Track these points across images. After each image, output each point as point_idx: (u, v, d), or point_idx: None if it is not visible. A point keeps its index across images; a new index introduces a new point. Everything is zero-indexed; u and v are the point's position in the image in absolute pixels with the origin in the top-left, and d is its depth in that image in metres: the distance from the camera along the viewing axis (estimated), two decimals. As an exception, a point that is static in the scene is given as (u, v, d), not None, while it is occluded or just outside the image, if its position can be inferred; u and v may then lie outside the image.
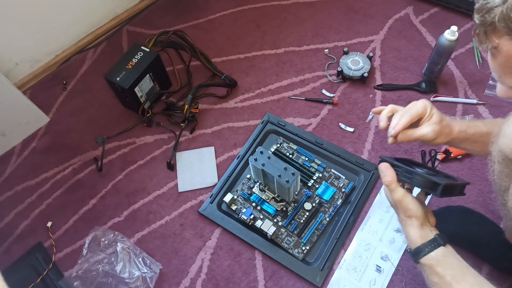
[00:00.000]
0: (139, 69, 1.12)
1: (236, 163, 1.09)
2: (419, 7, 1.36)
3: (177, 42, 1.31)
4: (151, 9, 1.47)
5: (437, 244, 0.64)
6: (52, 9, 1.24)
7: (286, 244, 0.97)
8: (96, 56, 1.37)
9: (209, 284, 0.96)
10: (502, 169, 0.65)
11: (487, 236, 0.89)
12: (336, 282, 0.93)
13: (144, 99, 1.18)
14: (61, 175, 1.14)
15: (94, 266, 0.96)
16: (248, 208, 1.02)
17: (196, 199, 1.07)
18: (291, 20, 1.38)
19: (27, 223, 1.08)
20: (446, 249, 0.64)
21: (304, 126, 1.16)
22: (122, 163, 1.15)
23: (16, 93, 1.13)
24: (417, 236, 0.66)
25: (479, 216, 0.94)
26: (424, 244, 0.65)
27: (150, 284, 0.94)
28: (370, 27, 1.33)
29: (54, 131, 1.23)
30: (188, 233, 1.03)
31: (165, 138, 1.18)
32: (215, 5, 1.45)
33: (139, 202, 1.09)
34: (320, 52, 1.30)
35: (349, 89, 1.22)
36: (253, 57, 1.32)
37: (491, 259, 0.90)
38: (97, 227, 1.03)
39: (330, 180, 1.05)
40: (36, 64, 1.31)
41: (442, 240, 0.64)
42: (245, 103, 1.22)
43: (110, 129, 1.20)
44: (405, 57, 1.26)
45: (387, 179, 0.68)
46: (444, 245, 0.64)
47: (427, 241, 0.65)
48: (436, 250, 0.63)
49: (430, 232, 0.66)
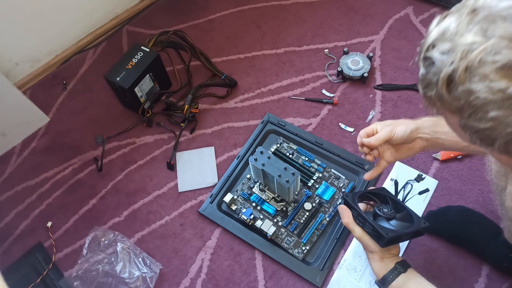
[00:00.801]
0: (139, 69, 1.12)
1: (236, 163, 1.09)
2: (419, 7, 1.36)
3: (177, 42, 1.31)
4: (151, 9, 1.47)
5: (397, 272, 0.71)
6: (52, 9, 1.24)
7: (286, 244, 0.97)
8: (96, 56, 1.37)
9: (209, 284, 0.96)
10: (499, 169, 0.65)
11: (487, 236, 0.89)
12: (336, 282, 0.93)
13: (144, 99, 1.18)
14: (61, 175, 1.14)
15: (94, 266, 0.96)
16: (248, 208, 1.02)
17: (196, 199, 1.07)
18: (291, 20, 1.38)
19: (27, 223, 1.08)
20: (407, 275, 0.71)
21: (304, 126, 1.16)
22: (122, 163, 1.15)
23: (16, 93, 1.13)
24: (379, 268, 0.73)
25: (479, 216, 0.94)
26: (386, 274, 0.72)
27: (150, 284, 0.94)
28: (370, 27, 1.33)
29: (54, 131, 1.23)
30: (188, 233, 1.03)
31: (165, 138, 1.18)
32: (215, 5, 1.45)
33: (139, 202, 1.09)
34: (320, 52, 1.30)
35: (349, 89, 1.22)
36: (253, 57, 1.32)
37: (491, 259, 0.91)
38: (97, 227, 1.03)
39: (330, 180, 1.05)
40: (36, 64, 1.31)
41: (402, 268, 0.71)
42: (245, 103, 1.22)
43: (110, 129, 1.20)
44: (405, 57, 1.25)
45: (343, 220, 0.78)
46: (405, 271, 0.71)
47: (387, 271, 0.72)
48: (398, 279, 0.70)
49: (390, 262, 0.73)
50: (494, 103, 0.38)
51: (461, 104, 0.41)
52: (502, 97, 0.37)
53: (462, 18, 0.40)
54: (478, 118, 0.40)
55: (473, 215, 0.94)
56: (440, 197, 1.01)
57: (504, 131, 0.39)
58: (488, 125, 0.40)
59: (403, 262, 0.73)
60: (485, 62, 0.37)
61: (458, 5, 0.43)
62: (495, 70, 0.37)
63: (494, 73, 0.37)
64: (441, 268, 0.93)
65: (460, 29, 0.40)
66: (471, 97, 0.39)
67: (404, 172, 1.05)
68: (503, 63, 0.37)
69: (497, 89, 0.37)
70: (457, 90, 0.40)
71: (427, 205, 1.00)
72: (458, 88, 0.40)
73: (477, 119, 0.41)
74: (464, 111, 0.41)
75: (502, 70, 0.37)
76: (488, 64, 0.37)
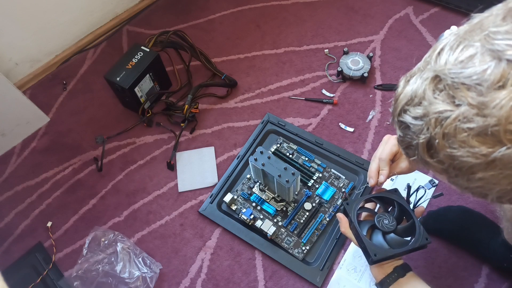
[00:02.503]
0: (139, 69, 1.12)
1: (236, 163, 1.09)
2: (419, 7, 1.35)
3: (177, 42, 1.31)
4: (151, 9, 1.47)
5: (395, 277, 0.71)
6: (52, 9, 1.24)
7: (286, 244, 0.97)
8: (96, 56, 1.37)
9: (209, 284, 0.96)
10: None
11: (487, 236, 0.89)
12: (336, 282, 0.93)
13: (144, 99, 1.18)
14: (61, 175, 1.14)
15: (94, 266, 0.96)
16: (248, 208, 1.02)
17: (196, 199, 1.07)
18: (291, 20, 1.38)
19: (27, 223, 1.08)
20: (404, 279, 0.71)
21: (304, 126, 1.16)
22: (122, 163, 1.15)
23: (16, 93, 1.13)
24: (376, 272, 0.74)
25: (479, 216, 0.94)
26: (384, 278, 0.72)
27: (150, 284, 0.94)
28: (370, 27, 1.33)
29: (54, 131, 1.23)
30: (188, 233, 1.03)
31: (165, 138, 1.18)
32: (215, 5, 1.45)
33: (139, 202, 1.09)
34: (320, 52, 1.30)
35: (349, 89, 1.22)
36: (253, 57, 1.32)
37: (491, 259, 0.90)
38: (97, 227, 1.03)
39: (330, 180, 1.05)
40: (36, 64, 1.31)
41: (401, 272, 0.71)
42: (245, 103, 1.22)
43: (110, 129, 1.20)
44: (405, 57, 1.25)
45: (341, 228, 0.79)
46: (403, 276, 0.71)
47: (385, 276, 0.72)
48: (395, 284, 0.71)
49: (388, 267, 0.73)
50: (479, 166, 0.38)
51: (445, 167, 0.41)
52: (485, 160, 0.37)
53: (427, 84, 0.40)
54: (465, 179, 0.40)
55: (473, 215, 0.94)
56: (440, 197, 1.01)
57: (494, 189, 0.39)
58: (476, 185, 0.40)
59: (403, 265, 0.73)
60: (461, 129, 0.37)
61: (420, 65, 0.43)
62: (472, 137, 0.37)
63: (472, 140, 0.37)
64: (441, 268, 0.93)
65: (427, 96, 0.40)
66: (454, 161, 0.39)
67: (416, 176, 1.04)
68: (478, 130, 0.36)
69: (480, 154, 0.37)
70: (438, 155, 0.41)
71: (427, 205, 1.00)
72: (440, 154, 0.40)
73: (464, 179, 0.41)
74: (450, 172, 0.41)
75: (479, 136, 0.36)
76: (465, 131, 0.37)
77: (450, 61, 0.39)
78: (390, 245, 0.72)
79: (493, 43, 0.36)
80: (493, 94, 0.35)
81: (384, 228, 0.73)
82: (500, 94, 0.34)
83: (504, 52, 0.35)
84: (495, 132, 0.35)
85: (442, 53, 0.40)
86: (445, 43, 0.40)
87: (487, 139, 0.36)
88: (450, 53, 0.39)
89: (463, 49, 0.38)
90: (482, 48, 0.36)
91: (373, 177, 0.76)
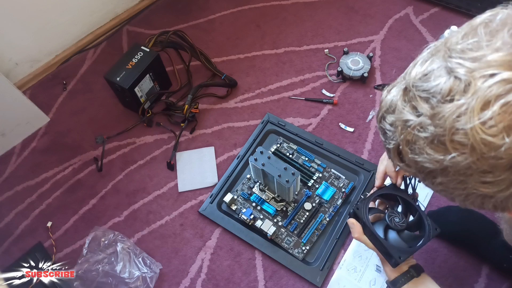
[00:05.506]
0: (139, 69, 1.12)
1: (236, 163, 1.09)
2: (419, 7, 1.36)
3: (177, 42, 1.31)
4: (151, 9, 1.47)
5: (410, 276, 0.71)
6: (52, 9, 1.24)
7: (286, 244, 0.97)
8: (96, 56, 1.37)
9: (209, 284, 0.96)
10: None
11: (487, 236, 0.89)
12: (336, 282, 0.93)
13: (144, 99, 1.18)
14: (61, 175, 1.14)
15: (94, 266, 0.96)
16: (248, 208, 1.02)
17: (196, 199, 1.07)
18: (291, 20, 1.38)
19: (27, 223, 1.08)
20: (419, 279, 0.71)
21: (304, 126, 1.16)
22: (122, 163, 1.15)
23: (16, 93, 1.13)
24: (391, 270, 0.73)
25: (479, 216, 0.94)
26: (397, 277, 0.72)
27: (150, 284, 0.94)
28: (370, 27, 1.33)
29: (54, 131, 1.23)
30: (188, 233, 1.03)
31: (165, 138, 1.18)
32: (215, 5, 1.45)
33: (139, 202, 1.09)
34: (320, 52, 1.30)
35: (349, 89, 1.22)
36: (253, 57, 1.32)
37: (491, 259, 0.91)
38: (97, 227, 1.03)
39: (330, 180, 1.05)
40: (36, 64, 1.31)
41: (416, 272, 0.71)
42: (245, 103, 1.22)
43: (110, 129, 1.20)
44: (405, 57, 1.25)
45: (354, 235, 0.77)
46: (418, 276, 0.71)
47: (400, 274, 0.72)
48: (409, 283, 0.70)
49: (404, 265, 0.72)
50: (436, 171, 0.42)
51: (414, 171, 0.45)
52: (439, 166, 0.40)
53: (400, 94, 0.44)
54: (430, 182, 0.45)
55: (473, 215, 0.94)
56: (440, 197, 1.01)
57: (454, 193, 0.43)
58: (439, 188, 0.44)
59: (417, 266, 0.73)
60: (418, 137, 0.41)
61: (401, 76, 0.46)
62: (427, 144, 0.40)
63: (427, 147, 0.41)
64: (441, 268, 0.93)
65: (398, 105, 0.43)
66: (418, 165, 0.43)
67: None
68: (431, 139, 0.40)
69: (434, 161, 0.41)
70: (406, 160, 0.45)
71: (427, 205, 1.00)
72: (406, 159, 0.45)
73: (430, 183, 0.45)
74: (419, 176, 0.46)
75: (432, 144, 0.40)
76: (422, 139, 0.41)
77: (417, 74, 0.42)
78: (406, 242, 0.72)
79: (449, 60, 0.39)
80: (442, 107, 0.38)
81: (398, 226, 0.73)
82: (447, 107, 0.38)
83: (454, 69, 0.38)
84: (443, 141, 0.39)
85: (415, 66, 0.43)
86: (421, 56, 0.44)
87: (438, 147, 0.40)
88: (419, 67, 0.42)
89: (429, 63, 0.41)
90: (441, 63, 0.40)
91: (379, 179, 0.81)
